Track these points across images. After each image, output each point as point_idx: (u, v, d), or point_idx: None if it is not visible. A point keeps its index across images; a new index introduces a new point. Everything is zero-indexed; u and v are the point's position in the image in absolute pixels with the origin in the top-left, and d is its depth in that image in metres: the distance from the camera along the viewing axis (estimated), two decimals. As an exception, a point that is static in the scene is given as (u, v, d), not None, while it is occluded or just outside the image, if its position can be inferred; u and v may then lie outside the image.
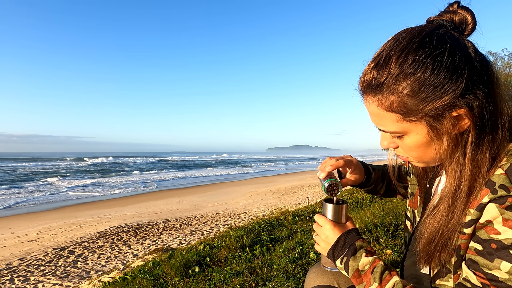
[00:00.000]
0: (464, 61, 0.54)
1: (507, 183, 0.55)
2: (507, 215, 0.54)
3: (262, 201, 11.49)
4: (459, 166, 0.61)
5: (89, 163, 50.31)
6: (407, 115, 0.58)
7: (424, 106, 0.56)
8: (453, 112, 0.56)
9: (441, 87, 0.54)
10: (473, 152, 0.59)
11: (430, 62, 0.54)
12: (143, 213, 10.01)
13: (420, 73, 0.54)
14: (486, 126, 0.57)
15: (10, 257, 5.83)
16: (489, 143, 0.58)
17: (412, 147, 0.63)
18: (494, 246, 0.56)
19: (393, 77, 0.57)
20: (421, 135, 0.60)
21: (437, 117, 0.57)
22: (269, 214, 8.01)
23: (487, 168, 0.59)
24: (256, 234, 4.02)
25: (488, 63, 0.58)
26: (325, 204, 0.81)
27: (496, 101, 0.57)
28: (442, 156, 0.62)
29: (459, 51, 0.55)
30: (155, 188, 18.18)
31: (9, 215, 10.54)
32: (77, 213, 10.52)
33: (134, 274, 3.10)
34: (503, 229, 0.55)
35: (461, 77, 0.54)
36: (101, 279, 3.69)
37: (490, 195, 0.57)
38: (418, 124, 0.59)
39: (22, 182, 21.73)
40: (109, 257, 5.47)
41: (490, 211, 0.57)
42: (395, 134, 0.63)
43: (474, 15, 0.58)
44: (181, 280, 2.70)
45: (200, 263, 3.05)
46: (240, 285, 2.40)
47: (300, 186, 16.01)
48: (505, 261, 0.55)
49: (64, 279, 4.59)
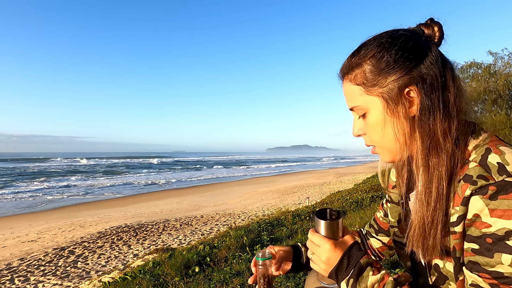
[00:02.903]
0: (420, 54, 0.64)
1: (484, 172, 0.56)
2: (492, 205, 0.54)
3: (262, 201, 11.49)
4: (423, 156, 0.64)
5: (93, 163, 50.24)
6: (367, 87, 0.67)
7: (380, 79, 0.65)
8: (405, 89, 0.64)
9: (394, 64, 0.64)
10: (429, 136, 0.63)
11: (391, 47, 0.65)
12: (143, 213, 10.01)
13: (381, 53, 0.65)
14: (441, 111, 0.62)
15: (10, 257, 5.83)
16: (446, 132, 0.62)
17: (373, 127, 0.69)
18: (490, 241, 0.55)
19: (360, 57, 0.68)
20: (379, 110, 0.67)
21: (391, 93, 0.64)
22: (269, 214, 8.01)
23: (454, 161, 0.62)
24: (256, 234, 4.02)
25: (447, 66, 0.65)
26: (318, 220, 0.74)
27: (449, 96, 0.63)
28: (400, 140, 0.66)
29: (417, 46, 0.64)
30: (155, 188, 18.19)
31: (9, 215, 10.54)
32: (77, 213, 10.52)
33: (134, 274, 3.10)
34: (493, 220, 0.54)
35: (413, 61, 0.63)
36: (101, 279, 3.69)
37: (471, 187, 0.57)
38: (376, 98, 0.66)
39: (22, 182, 21.75)
40: (109, 257, 5.47)
41: (475, 204, 0.56)
42: (359, 110, 0.70)
43: (441, 27, 0.67)
44: (181, 280, 2.70)
45: (200, 263, 3.05)
46: (240, 285, 2.40)
47: (300, 186, 16.01)
48: (504, 254, 0.53)
49: (64, 279, 4.59)
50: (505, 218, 0.53)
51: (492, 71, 12.86)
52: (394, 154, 0.69)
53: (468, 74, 13.67)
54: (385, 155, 0.71)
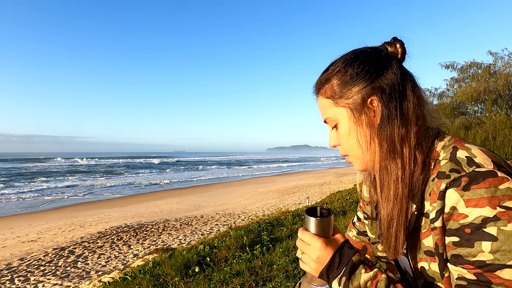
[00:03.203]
0: (380, 67, 0.69)
1: (455, 166, 0.60)
2: (466, 195, 0.56)
3: (262, 201, 11.49)
4: (386, 159, 0.68)
5: (92, 163, 50.24)
6: (335, 99, 0.73)
7: (346, 91, 0.71)
8: (368, 100, 0.69)
9: (357, 77, 0.69)
10: (386, 142, 0.67)
11: (353, 62, 0.71)
12: (143, 213, 10.01)
13: (346, 68, 0.71)
14: (398, 119, 0.67)
15: (10, 257, 5.83)
16: (404, 138, 0.67)
17: (343, 137, 0.74)
18: (468, 231, 0.56)
19: (329, 74, 0.74)
20: (346, 120, 0.72)
21: (356, 103, 0.70)
22: (269, 214, 8.01)
23: (416, 164, 0.66)
24: (256, 234, 4.01)
25: (407, 78, 0.70)
26: (309, 217, 0.72)
27: (408, 105, 0.68)
28: (363, 146, 0.71)
29: (377, 60, 0.70)
30: (155, 188, 18.19)
31: (9, 215, 10.54)
32: (77, 213, 10.52)
33: (134, 274, 3.10)
34: (469, 210, 0.56)
35: (373, 73, 0.69)
36: (101, 279, 3.69)
37: (445, 181, 0.59)
38: (343, 109, 0.72)
39: (22, 182, 21.75)
40: (109, 257, 5.47)
41: (450, 196, 0.58)
42: (331, 122, 0.75)
43: (403, 44, 0.73)
44: (181, 280, 2.70)
45: (200, 263, 3.05)
46: (240, 285, 2.40)
47: (300, 186, 16.01)
48: (484, 241, 0.54)
49: (64, 279, 4.59)
50: (479, 207, 0.55)
51: (492, 71, 12.85)
52: (364, 162, 0.73)
53: (468, 74, 13.67)
54: (357, 164, 0.75)
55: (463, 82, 13.94)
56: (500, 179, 0.55)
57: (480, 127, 12.31)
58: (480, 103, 13.32)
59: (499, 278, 0.53)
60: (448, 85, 14.58)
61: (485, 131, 12.00)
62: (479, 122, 12.64)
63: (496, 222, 0.54)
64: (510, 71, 12.13)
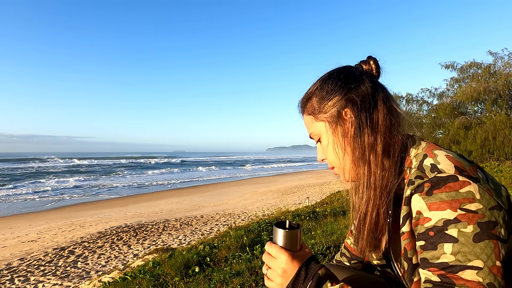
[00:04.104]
0: (352, 82, 0.75)
1: (420, 173, 0.63)
2: (429, 200, 0.59)
3: (262, 201, 11.49)
4: (364, 167, 0.72)
5: (92, 163, 50.23)
6: (315, 115, 0.79)
7: (323, 106, 0.77)
8: (343, 112, 0.75)
9: (331, 92, 0.76)
10: (357, 149, 0.72)
11: (328, 79, 0.78)
12: (143, 213, 10.01)
13: (322, 85, 0.78)
14: (368, 128, 0.71)
15: (10, 257, 5.83)
16: (373, 146, 0.71)
17: (325, 149, 0.79)
18: (432, 234, 0.58)
19: (309, 93, 0.81)
20: (326, 133, 0.78)
21: (332, 116, 0.76)
22: (269, 214, 8.01)
23: (387, 171, 0.70)
24: (256, 234, 4.01)
25: (379, 91, 0.75)
26: (277, 229, 0.71)
27: (378, 115, 0.72)
28: (339, 156, 0.75)
29: (349, 76, 0.77)
30: (155, 189, 18.19)
31: (9, 215, 10.54)
32: (77, 213, 10.52)
33: (134, 274, 3.10)
34: (431, 213, 0.58)
35: (345, 88, 0.75)
36: (101, 279, 3.69)
37: (411, 187, 0.63)
38: (322, 123, 0.78)
39: (22, 182, 21.74)
40: (109, 257, 5.47)
41: (415, 202, 0.62)
42: (315, 136, 0.81)
43: (377, 61, 0.79)
44: (181, 280, 2.70)
45: (200, 263, 3.05)
46: (240, 285, 2.40)
47: (300, 186, 16.01)
48: (446, 243, 0.56)
49: (64, 279, 4.59)
50: (441, 210, 0.57)
51: (492, 71, 12.86)
52: (346, 171, 0.77)
53: (468, 74, 13.68)
54: (341, 175, 0.79)
55: (463, 82, 13.95)
56: (461, 183, 0.57)
57: (480, 127, 12.31)
58: (480, 103, 13.33)
59: (461, 279, 0.54)
60: (448, 85, 14.61)
61: (485, 131, 12.00)
62: (479, 122, 12.64)
63: (457, 224, 0.55)
64: (510, 71, 12.13)
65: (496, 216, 0.56)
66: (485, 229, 0.54)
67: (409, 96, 14.45)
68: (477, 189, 0.57)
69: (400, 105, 9.56)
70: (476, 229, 0.54)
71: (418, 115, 14.68)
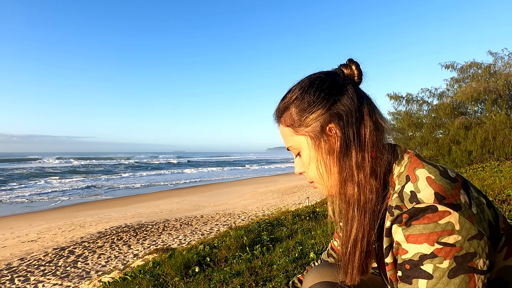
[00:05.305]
0: (336, 93, 0.69)
1: (399, 202, 0.60)
2: (407, 231, 0.57)
3: (262, 201, 11.50)
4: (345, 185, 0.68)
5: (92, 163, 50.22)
6: (295, 128, 0.72)
7: (304, 119, 0.70)
8: (327, 127, 0.69)
9: (314, 104, 0.69)
10: (344, 169, 0.67)
11: (309, 88, 0.71)
12: (143, 213, 10.02)
13: (303, 95, 0.71)
14: (355, 146, 0.66)
15: (10, 257, 5.83)
16: (360, 165, 0.66)
17: (306, 164, 0.74)
18: (408, 267, 0.57)
19: (287, 102, 0.74)
20: (307, 148, 0.72)
21: (315, 131, 0.70)
22: (269, 214, 8.01)
23: (371, 191, 0.65)
24: (256, 234, 4.02)
25: (364, 102, 0.70)
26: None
27: (365, 131, 0.67)
28: (324, 174, 0.70)
29: (333, 86, 0.70)
30: (155, 189, 18.19)
31: (9, 215, 10.55)
32: (77, 213, 10.52)
33: (134, 274, 3.10)
34: (408, 246, 0.57)
35: (330, 100, 0.68)
36: (101, 279, 3.69)
37: (390, 218, 0.61)
38: (303, 137, 0.72)
39: (22, 182, 21.75)
40: (109, 257, 5.48)
41: (395, 233, 0.60)
42: (294, 150, 0.75)
43: (359, 66, 0.72)
44: (181, 280, 2.70)
45: (200, 263, 3.05)
46: (240, 285, 2.40)
47: (300, 186, 16.02)
48: (420, 279, 0.55)
49: (64, 279, 4.59)
50: (418, 243, 0.55)
51: (492, 71, 12.86)
52: (327, 188, 0.73)
53: (468, 74, 13.68)
54: (322, 190, 0.75)
55: (463, 82, 13.95)
56: (441, 214, 0.54)
57: (480, 127, 12.31)
58: (480, 103, 13.32)
59: None
60: (448, 85, 14.61)
61: (485, 131, 12.00)
62: (479, 122, 12.64)
63: (433, 259, 0.54)
64: (510, 71, 12.13)
65: (476, 247, 0.54)
66: (461, 263, 0.53)
67: (409, 96, 14.44)
68: (457, 219, 0.54)
69: (400, 105, 9.37)
70: (452, 264, 0.53)
71: (418, 115, 14.69)
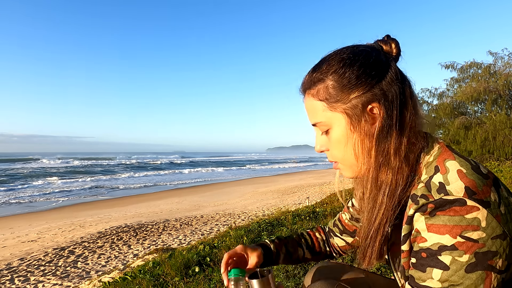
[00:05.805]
0: (381, 70, 0.64)
1: (426, 192, 0.58)
2: (430, 220, 0.56)
3: (262, 201, 11.49)
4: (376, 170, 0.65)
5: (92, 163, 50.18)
6: (330, 103, 0.66)
7: (343, 95, 0.64)
8: (368, 106, 0.64)
9: (357, 81, 0.63)
10: (382, 154, 0.64)
11: (352, 63, 0.64)
12: (143, 213, 10.01)
13: (343, 69, 0.64)
14: (396, 130, 0.63)
15: (10, 257, 5.83)
16: (397, 150, 0.63)
17: (336, 143, 0.69)
18: (424, 255, 0.56)
19: (322, 73, 0.67)
20: (342, 127, 0.66)
21: (355, 109, 0.64)
22: (269, 214, 8.01)
23: (402, 178, 0.63)
24: (256, 234, 4.02)
25: (406, 83, 0.66)
26: (251, 281, 0.79)
27: (406, 114, 0.64)
28: (359, 156, 0.66)
29: (378, 62, 0.65)
30: (155, 189, 18.19)
31: (9, 215, 10.54)
32: (77, 213, 10.52)
33: (134, 274, 3.10)
34: (429, 235, 0.56)
35: (375, 77, 0.63)
36: (101, 279, 3.69)
37: (414, 206, 0.59)
38: (339, 114, 0.66)
39: (22, 182, 21.75)
40: (109, 257, 5.47)
41: (416, 221, 0.58)
42: (322, 127, 0.69)
43: (398, 44, 0.68)
44: (181, 280, 2.70)
45: (200, 263, 3.05)
46: (240, 285, 2.40)
47: (300, 186, 16.01)
48: (436, 269, 0.54)
49: (64, 279, 4.59)
50: (439, 233, 0.54)
51: (492, 71, 12.86)
52: (355, 170, 0.70)
53: (468, 74, 13.67)
54: (347, 171, 0.72)
55: (463, 82, 13.94)
56: (469, 208, 0.53)
57: (480, 127, 12.31)
58: (480, 103, 13.32)
59: None
60: (448, 85, 14.60)
61: (485, 131, 12.00)
62: (479, 122, 12.64)
63: (452, 251, 0.53)
64: (510, 71, 12.13)
65: (498, 246, 0.52)
66: (481, 259, 0.52)
67: (409, 96, 14.44)
68: (485, 216, 0.52)
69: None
70: (471, 259, 0.52)
71: (418, 115, 14.70)
